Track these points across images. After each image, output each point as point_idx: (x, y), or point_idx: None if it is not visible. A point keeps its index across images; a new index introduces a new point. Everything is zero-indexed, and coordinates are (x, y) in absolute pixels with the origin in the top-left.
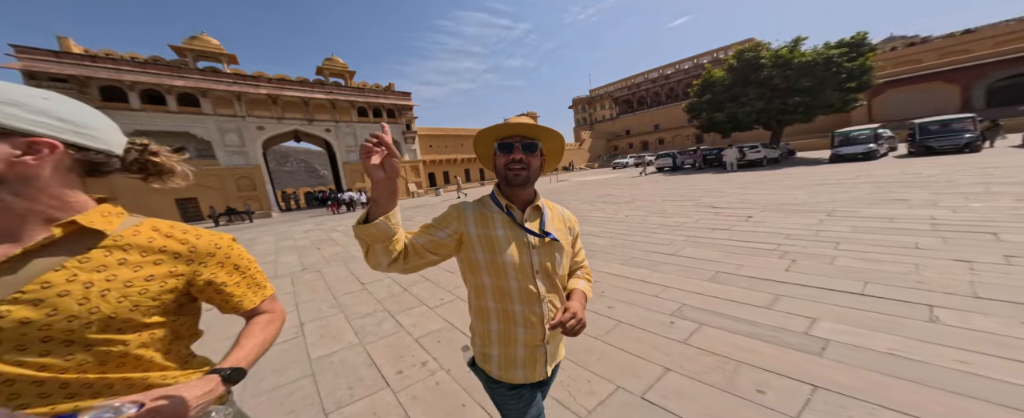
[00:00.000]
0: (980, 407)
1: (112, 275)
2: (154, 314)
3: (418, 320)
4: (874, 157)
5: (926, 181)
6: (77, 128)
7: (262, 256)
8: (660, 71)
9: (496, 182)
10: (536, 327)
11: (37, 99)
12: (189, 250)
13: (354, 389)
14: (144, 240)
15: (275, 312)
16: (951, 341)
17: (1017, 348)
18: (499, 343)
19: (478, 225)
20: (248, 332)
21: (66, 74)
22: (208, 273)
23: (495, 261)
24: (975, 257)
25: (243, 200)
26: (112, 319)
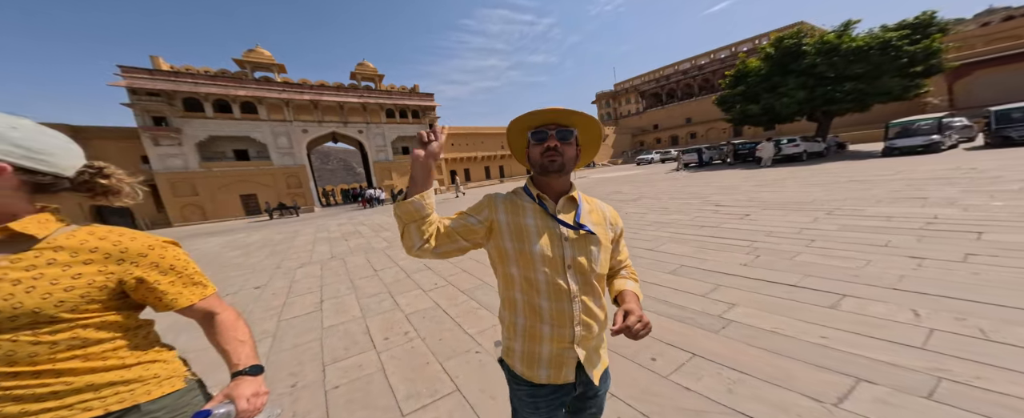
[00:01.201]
0: (798, 366)
1: (40, 273)
2: (87, 309)
3: (412, 301)
4: (936, 150)
5: (970, 177)
6: (30, 154)
7: (303, 246)
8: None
9: (529, 175)
10: (565, 327)
11: (4, 128)
12: (120, 251)
13: (349, 349)
14: (76, 242)
15: (228, 311)
16: (830, 322)
17: (881, 327)
18: (524, 337)
19: (508, 213)
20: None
21: (158, 89)
22: (140, 272)
23: (523, 250)
24: (932, 255)
25: (291, 196)
26: (37, 313)
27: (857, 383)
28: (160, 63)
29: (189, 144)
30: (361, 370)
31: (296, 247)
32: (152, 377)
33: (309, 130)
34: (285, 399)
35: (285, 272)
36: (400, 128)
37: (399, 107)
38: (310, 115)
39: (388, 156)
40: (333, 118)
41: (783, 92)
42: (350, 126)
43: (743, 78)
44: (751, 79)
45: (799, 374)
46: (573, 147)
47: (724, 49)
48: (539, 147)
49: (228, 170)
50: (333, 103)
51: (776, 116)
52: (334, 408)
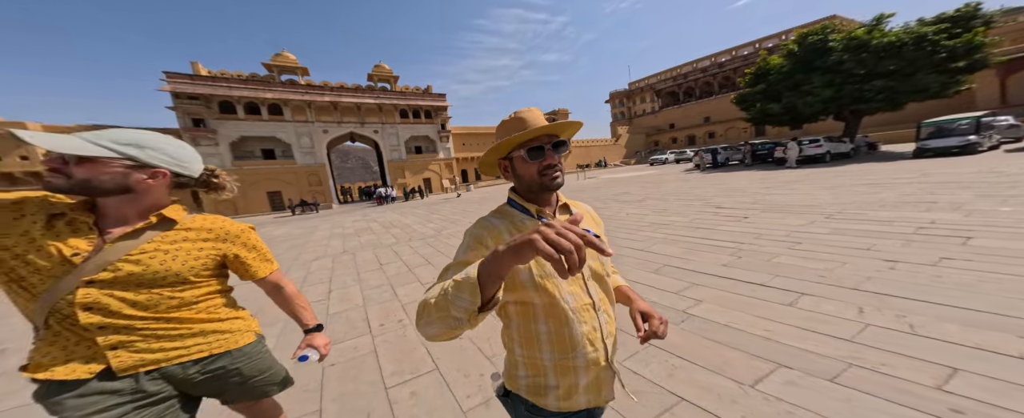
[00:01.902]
0: (735, 355)
1: (180, 247)
2: (202, 274)
3: (410, 292)
4: (973, 151)
5: (991, 182)
6: (179, 162)
7: (319, 241)
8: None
9: (512, 188)
10: (598, 345)
11: (162, 143)
12: (225, 233)
13: (347, 333)
14: (198, 225)
15: (291, 284)
16: (780, 317)
17: (823, 323)
18: (555, 373)
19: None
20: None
21: (198, 93)
22: (235, 249)
23: (544, 274)
24: (909, 259)
25: (312, 194)
26: (178, 275)
27: (777, 368)
28: (199, 68)
29: (223, 144)
30: (356, 351)
31: (313, 241)
32: (238, 330)
33: (329, 130)
34: None
35: (302, 264)
36: (413, 128)
37: (412, 107)
38: (330, 116)
39: (401, 155)
40: (351, 119)
41: (807, 90)
42: (367, 126)
43: (764, 76)
44: (772, 77)
45: (734, 361)
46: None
47: (747, 46)
48: (535, 164)
49: (256, 168)
50: (351, 104)
51: (799, 115)
52: (328, 381)
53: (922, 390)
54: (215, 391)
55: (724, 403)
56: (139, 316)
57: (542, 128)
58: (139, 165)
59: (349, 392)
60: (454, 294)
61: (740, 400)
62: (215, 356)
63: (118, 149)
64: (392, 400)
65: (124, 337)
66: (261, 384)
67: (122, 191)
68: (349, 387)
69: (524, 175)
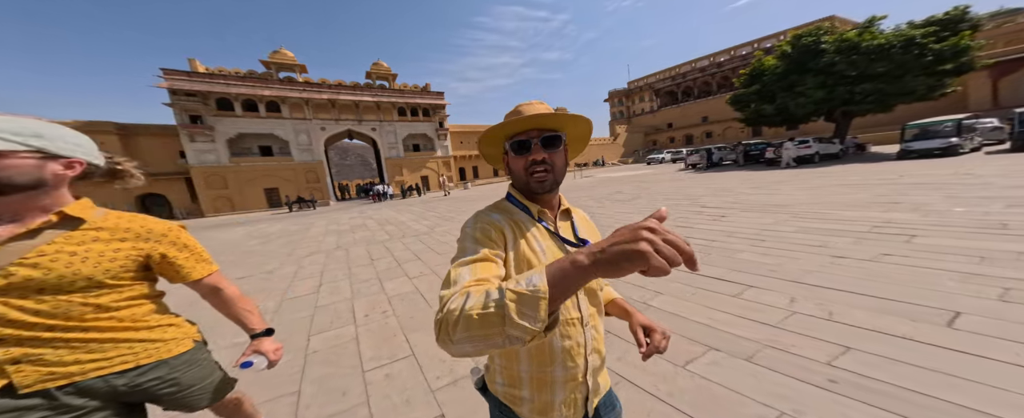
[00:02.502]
0: (676, 340)
1: (90, 248)
2: (123, 278)
3: (397, 286)
4: (955, 153)
5: (963, 184)
6: (86, 151)
7: (314, 236)
8: (711, 58)
9: (512, 183)
10: (579, 360)
11: (62, 131)
12: (147, 231)
13: (333, 323)
14: (112, 224)
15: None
16: (724, 307)
17: (758, 311)
18: (531, 387)
19: (516, 236)
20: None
21: (195, 90)
22: (162, 248)
23: None
24: (853, 255)
25: (309, 190)
26: (90, 279)
27: (707, 351)
28: (197, 65)
29: (220, 141)
30: (339, 339)
31: (308, 237)
32: (171, 338)
33: (327, 128)
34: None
35: (295, 259)
36: (411, 126)
37: (410, 105)
38: (328, 113)
39: (399, 153)
40: (349, 116)
41: (800, 91)
42: (364, 124)
43: (758, 77)
44: (767, 78)
45: (674, 345)
46: (562, 154)
47: (746, 45)
48: (521, 160)
49: (254, 165)
50: (349, 102)
51: (790, 116)
52: (309, 366)
53: (814, 365)
54: (151, 400)
55: (657, 381)
56: (45, 325)
57: (528, 119)
58: (50, 156)
59: (328, 375)
60: (517, 309)
61: (670, 379)
62: (144, 367)
63: (23, 141)
64: (367, 381)
65: (29, 349)
66: (198, 393)
67: (35, 185)
68: (328, 370)
69: (513, 170)
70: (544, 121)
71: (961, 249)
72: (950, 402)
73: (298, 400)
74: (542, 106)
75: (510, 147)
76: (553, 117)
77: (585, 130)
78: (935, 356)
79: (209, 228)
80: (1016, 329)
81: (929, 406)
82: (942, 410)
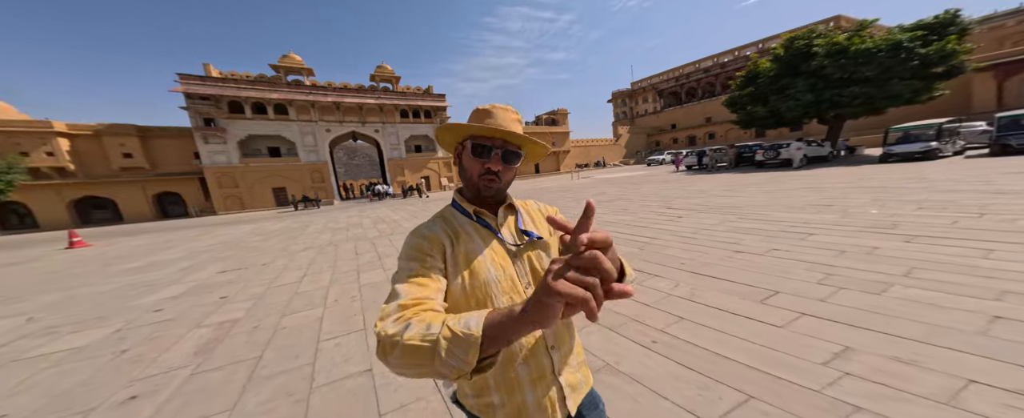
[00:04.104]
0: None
1: None
2: None
3: (371, 277)
4: (934, 157)
5: (903, 187)
6: None
7: (311, 234)
8: (715, 59)
9: (458, 188)
10: (542, 356)
11: None
12: None
13: (306, 305)
14: None
15: None
16: None
17: (647, 294)
18: (500, 390)
19: (452, 243)
20: None
21: (208, 94)
22: None
23: (477, 283)
24: (750, 249)
25: (315, 190)
26: None
27: (585, 325)
28: (211, 70)
29: (232, 142)
30: (307, 319)
31: (306, 234)
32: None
33: (332, 129)
34: (246, 334)
35: (289, 254)
36: (413, 127)
37: (413, 107)
38: (333, 115)
39: (401, 153)
40: (353, 118)
41: (790, 94)
42: (368, 125)
43: (754, 79)
44: (761, 80)
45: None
46: (515, 170)
47: (750, 46)
48: (477, 163)
49: (263, 166)
50: (354, 104)
51: (781, 119)
52: (276, 338)
53: (650, 331)
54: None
55: None
56: None
57: (497, 129)
58: None
59: (289, 345)
60: (447, 349)
61: None
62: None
63: None
64: (319, 349)
65: None
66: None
67: None
68: (290, 341)
69: (466, 168)
70: (512, 137)
71: (836, 245)
72: (732, 360)
73: (258, 363)
74: (514, 116)
75: (471, 147)
76: (519, 136)
77: (542, 152)
78: (741, 324)
79: (219, 225)
80: (807, 302)
81: (714, 361)
82: (722, 365)
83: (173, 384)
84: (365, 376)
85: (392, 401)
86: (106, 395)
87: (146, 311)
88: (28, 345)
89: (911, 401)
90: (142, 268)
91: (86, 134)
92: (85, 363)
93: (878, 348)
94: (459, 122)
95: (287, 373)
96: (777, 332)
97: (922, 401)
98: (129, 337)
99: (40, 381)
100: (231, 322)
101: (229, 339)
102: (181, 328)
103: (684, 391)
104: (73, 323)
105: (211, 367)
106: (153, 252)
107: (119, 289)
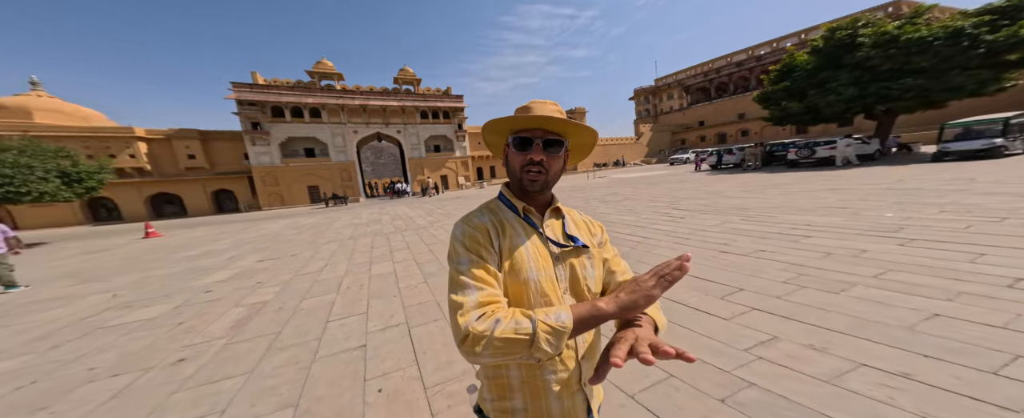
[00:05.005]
0: None
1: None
2: None
3: (381, 268)
4: (998, 155)
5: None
6: None
7: (337, 229)
8: (750, 52)
9: (506, 181)
10: (569, 362)
11: None
12: None
13: (322, 291)
14: None
15: None
16: None
17: None
18: (524, 392)
19: (500, 237)
20: None
21: (256, 100)
22: None
23: (516, 281)
24: (738, 251)
25: (343, 188)
26: None
27: None
28: (257, 78)
29: (274, 144)
30: (321, 302)
31: (332, 229)
32: None
33: (359, 131)
34: (272, 313)
35: (315, 246)
36: (433, 128)
37: (432, 108)
38: (360, 117)
39: (421, 153)
40: (377, 120)
41: (830, 88)
42: (391, 126)
43: (789, 73)
44: (797, 74)
45: None
46: (561, 159)
47: (791, 36)
48: (520, 157)
49: (299, 165)
50: (378, 107)
51: (819, 115)
52: (294, 317)
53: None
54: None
55: None
56: None
57: (533, 118)
58: None
59: (303, 323)
60: (546, 339)
61: None
62: None
63: None
64: (326, 328)
65: None
66: None
67: None
68: (304, 321)
69: (510, 164)
70: (550, 123)
71: (827, 247)
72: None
73: (276, 337)
74: (554, 107)
75: (512, 142)
76: (559, 121)
77: (590, 141)
78: (693, 317)
79: (261, 220)
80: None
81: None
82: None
83: (211, 351)
84: (359, 350)
85: (376, 370)
86: (162, 357)
87: (199, 291)
88: (111, 316)
89: (799, 380)
90: (199, 256)
91: (159, 138)
92: (150, 331)
93: (800, 338)
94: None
95: (298, 346)
96: (722, 324)
97: (808, 380)
98: (185, 312)
99: (117, 344)
100: (262, 303)
101: (258, 317)
102: (224, 306)
103: (621, 372)
104: (145, 299)
105: (241, 339)
106: (208, 242)
107: (181, 272)
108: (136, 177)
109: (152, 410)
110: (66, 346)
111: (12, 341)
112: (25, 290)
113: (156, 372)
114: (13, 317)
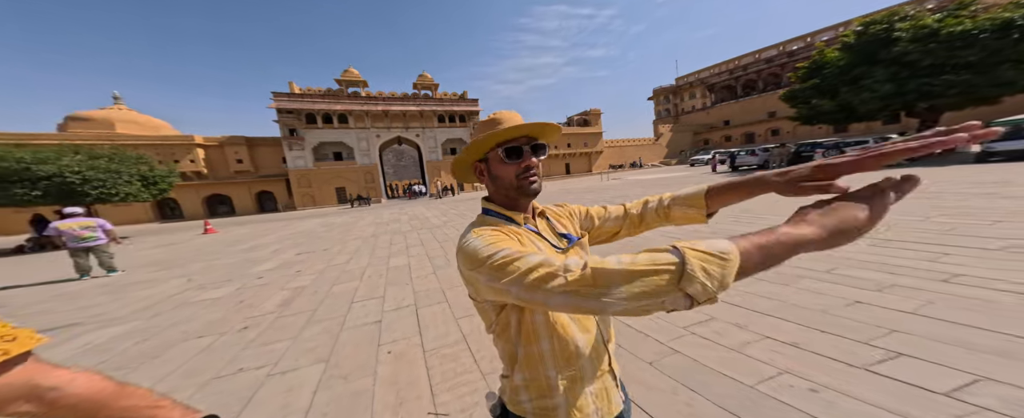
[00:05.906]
0: None
1: None
2: None
3: (397, 262)
4: None
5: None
6: None
7: (361, 227)
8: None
9: (486, 197)
10: (599, 349)
11: None
12: None
13: (348, 278)
14: None
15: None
16: None
17: None
18: (564, 387)
19: None
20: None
21: (291, 108)
22: None
23: None
24: None
25: (367, 190)
26: None
27: None
28: (293, 87)
29: (308, 148)
30: (347, 288)
31: (357, 227)
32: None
33: (381, 135)
34: (309, 296)
35: (343, 242)
36: (449, 131)
37: (448, 112)
38: (382, 122)
39: (438, 156)
40: (398, 124)
41: (865, 85)
42: (410, 130)
43: (819, 70)
44: (828, 70)
45: None
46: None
47: (827, 30)
48: (514, 166)
49: (329, 168)
50: (399, 111)
51: (851, 114)
52: (327, 299)
53: None
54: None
55: None
56: None
57: (520, 127)
58: None
59: (333, 305)
60: (701, 268)
61: None
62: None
63: None
64: (351, 309)
65: None
66: None
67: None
68: (334, 302)
69: (501, 177)
70: (532, 130)
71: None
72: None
73: (313, 314)
74: (516, 115)
75: (503, 153)
76: (540, 127)
77: (557, 136)
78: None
79: (297, 219)
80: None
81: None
82: (625, 353)
83: (266, 322)
84: (376, 325)
85: (388, 338)
86: (231, 326)
87: (253, 278)
88: (191, 295)
89: (711, 348)
90: (250, 249)
91: (214, 145)
92: (220, 306)
93: (727, 317)
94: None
95: (329, 320)
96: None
97: (719, 348)
98: (244, 293)
99: (199, 315)
100: (301, 288)
101: (299, 298)
102: (272, 290)
103: None
104: (213, 283)
105: (287, 314)
106: (255, 237)
107: (238, 262)
108: (195, 180)
109: (230, 361)
110: (164, 315)
111: (123, 311)
112: (122, 274)
113: (229, 336)
114: (119, 294)
